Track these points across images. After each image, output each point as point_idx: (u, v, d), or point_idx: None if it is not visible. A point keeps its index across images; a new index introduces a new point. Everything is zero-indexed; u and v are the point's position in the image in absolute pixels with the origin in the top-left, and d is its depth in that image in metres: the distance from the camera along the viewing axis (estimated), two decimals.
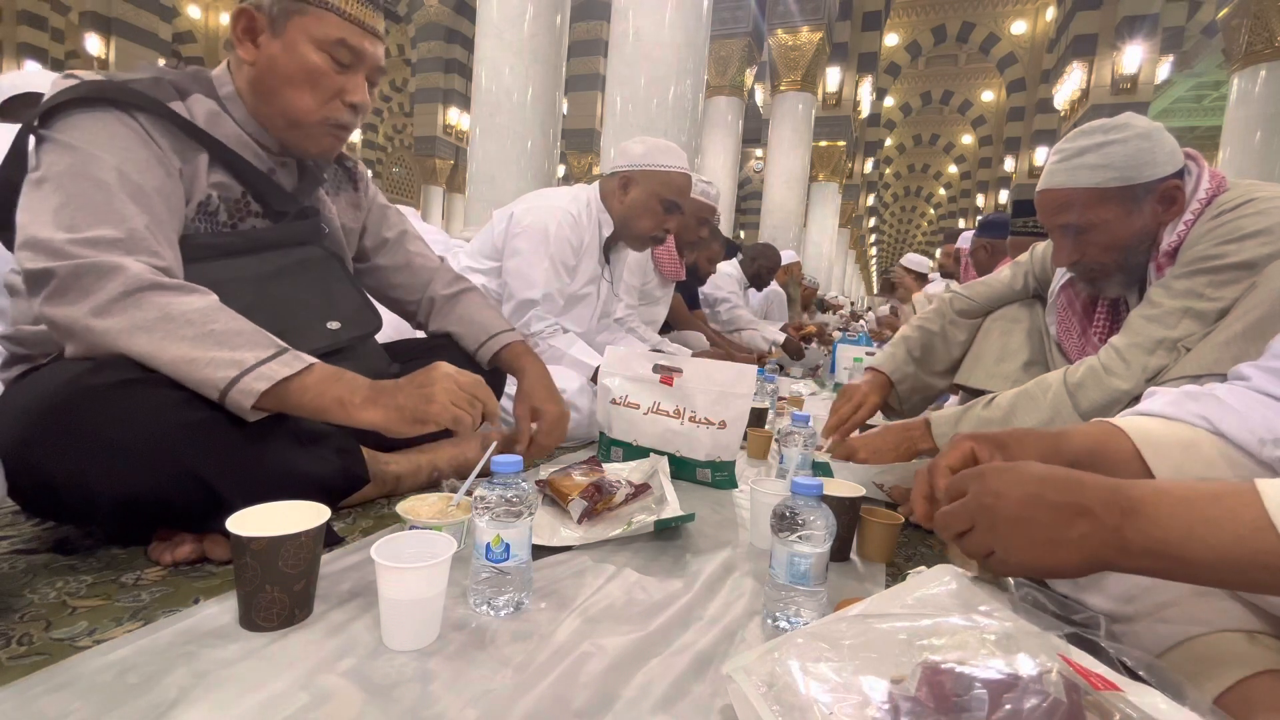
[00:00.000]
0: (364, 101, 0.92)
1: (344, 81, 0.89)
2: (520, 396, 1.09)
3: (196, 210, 0.86)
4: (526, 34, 4.36)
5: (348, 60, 0.88)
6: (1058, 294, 1.29)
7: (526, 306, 1.64)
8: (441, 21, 12.22)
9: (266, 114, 0.89)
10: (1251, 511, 0.42)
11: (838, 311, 7.60)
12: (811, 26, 8.73)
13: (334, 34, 0.86)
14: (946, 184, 21.45)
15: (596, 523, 0.95)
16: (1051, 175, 1.07)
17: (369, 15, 0.90)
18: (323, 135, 0.92)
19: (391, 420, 0.76)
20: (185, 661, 0.57)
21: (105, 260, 0.70)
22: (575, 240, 1.68)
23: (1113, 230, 1.03)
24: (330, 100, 0.89)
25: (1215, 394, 0.62)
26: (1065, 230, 1.08)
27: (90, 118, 0.76)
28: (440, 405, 0.77)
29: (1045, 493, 0.48)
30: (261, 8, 0.85)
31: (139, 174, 0.77)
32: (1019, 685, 0.40)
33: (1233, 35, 5.63)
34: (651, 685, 0.59)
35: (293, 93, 0.87)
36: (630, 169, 1.69)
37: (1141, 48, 8.43)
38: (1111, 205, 1.02)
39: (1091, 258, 1.08)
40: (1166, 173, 1.01)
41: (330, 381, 0.75)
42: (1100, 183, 1.01)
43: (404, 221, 1.21)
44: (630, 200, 1.70)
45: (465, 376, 0.82)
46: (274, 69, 0.86)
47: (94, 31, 9.32)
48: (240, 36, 0.86)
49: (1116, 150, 1.00)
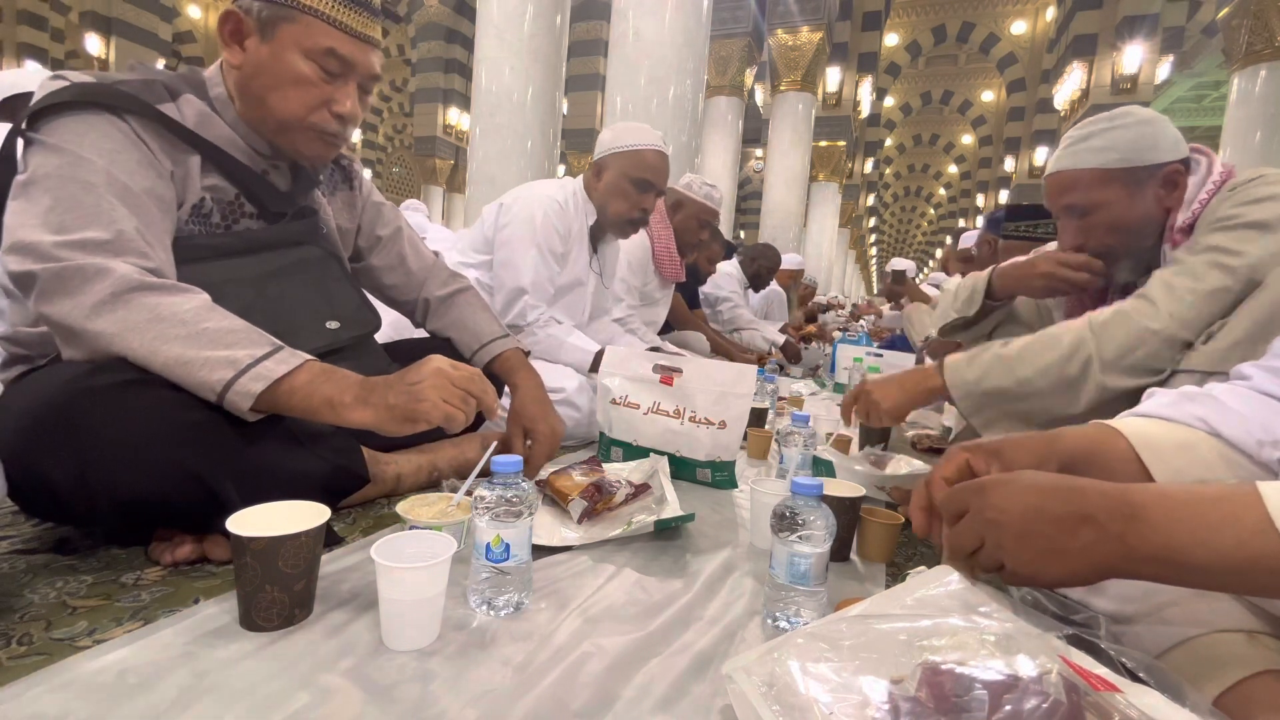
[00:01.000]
0: (352, 113, 0.89)
1: (332, 91, 0.87)
2: (512, 415, 1.09)
3: (190, 213, 0.85)
4: (526, 34, 4.37)
5: (337, 70, 0.86)
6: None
7: (516, 295, 1.63)
8: (441, 21, 12.22)
9: (254, 117, 0.88)
10: (1253, 515, 0.42)
11: (838, 311, 7.59)
12: (811, 26, 8.73)
13: (324, 43, 0.84)
14: (946, 184, 21.45)
15: (596, 522, 0.95)
16: (1058, 160, 1.10)
17: (362, 23, 0.87)
18: (310, 142, 0.90)
19: (382, 420, 0.74)
20: (185, 661, 0.57)
21: (91, 263, 0.70)
22: (563, 228, 1.68)
23: (1116, 211, 1.05)
24: (317, 109, 0.87)
25: (1214, 395, 0.62)
26: (1070, 212, 1.10)
27: (79, 120, 0.75)
28: (431, 404, 0.75)
29: (1047, 504, 0.48)
30: (250, 11, 0.83)
31: (128, 176, 0.76)
32: (1019, 686, 0.40)
33: (1233, 35, 5.63)
34: (651, 685, 0.59)
35: (278, 99, 0.85)
36: (604, 154, 1.70)
37: (1141, 48, 8.43)
38: (1114, 186, 1.04)
39: (1096, 241, 1.09)
40: (1169, 158, 1.02)
41: (319, 381, 0.74)
42: (1103, 164, 1.04)
43: (399, 219, 1.20)
44: (604, 185, 1.71)
45: (459, 371, 0.79)
46: (260, 74, 0.85)
47: (94, 31, 9.32)
48: (227, 39, 0.85)
49: (1120, 134, 1.03)
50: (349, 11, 0.85)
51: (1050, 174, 1.12)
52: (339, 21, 0.85)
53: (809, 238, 10.17)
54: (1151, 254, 1.10)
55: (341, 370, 0.77)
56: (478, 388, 0.80)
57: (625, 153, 1.69)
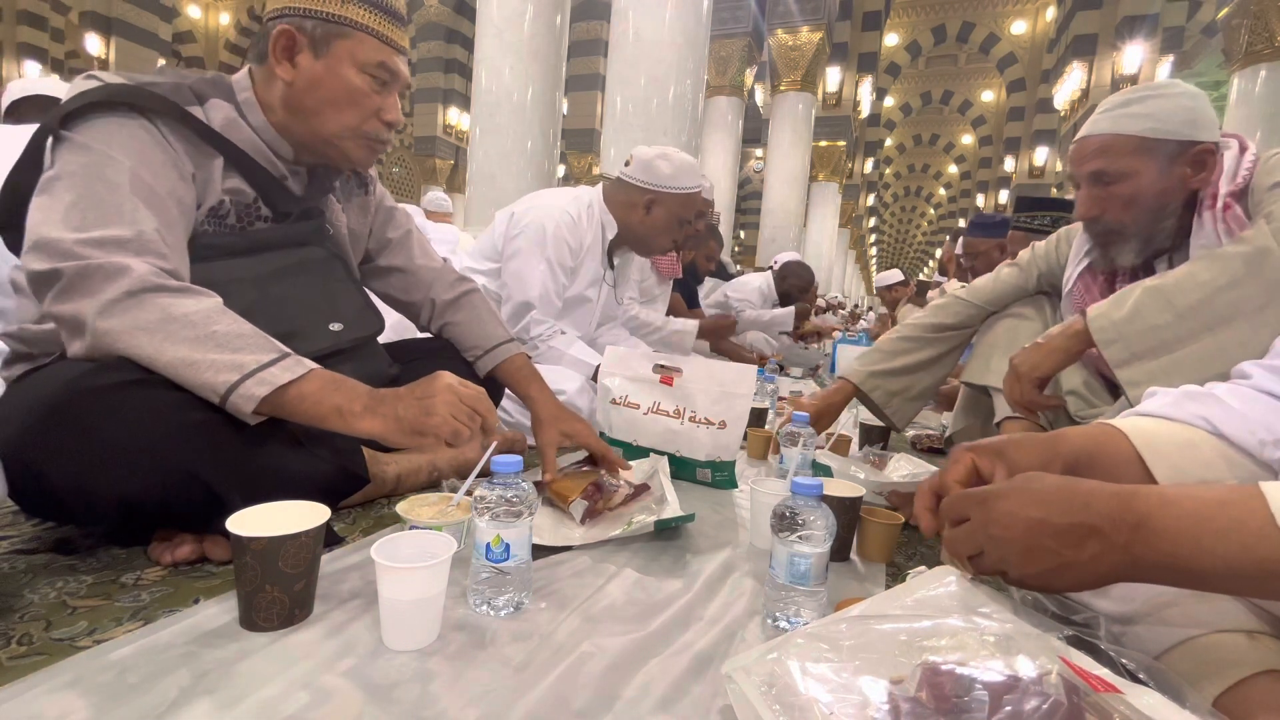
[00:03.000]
0: (398, 120, 0.95)
1: (381, 101, 0.92)
2: (544, 422, 1.07)
3: (208, 214, 0.86)
4: (526, 34, 4.37)
5: (387, 80, 0.91)
6: (1074, 281, 1.27)
7: (523, 309, 1.64)
8: (441, 21, 12.22)
9: (302, 129, 0.90)
10: (1257, 518, 0.41)
11: (838, 311, 7.60)
12: (811, 26, 8.73)
13: (375, 57, 0.89)
14: (946, 184, 21.46)
15: (598, 522, 0.95)
16: (1094, 124, 1.09)
17: (399, 35, 0.92)
18: (361, 149, 0.94)
19: (390, 431, 0.75)
20: (185, 661, 0.57)
21: (112, 261, 0.70)
22: (574, 242, 1.67)
23: (1141, 184, 1.04)
24: (370, 118, 0.92)
25: (1216, 394, 0.62)
26: (1094, 178, 1.08)
27: (109, 121, 0.76)
28: (440, 419, 0.76)
29: (1050, 517, 0.47)
30: (304, 29, 0.86)
31: (153, 177, 0.77)
32: (1019, 687, 0.40)
33: (1233, 35, 5.63)
34: (651, 685, 0.59)
35: (333, 112, 0.89)
36: (657, 189, 1.68)
37: (1141, 48, 8.43)
38: (1145, 157, 1.03)
39: (1112, 214, 1.08)
40: (1204, 138, 1.02)
41: (329, 390, 0.75)
42: (1141, 131, 1.03)
43: (409, 222, 1.21)
44: (653, 220, 1.72)
45: (468, 389, 0.81)
46: (315, 89, 0.88)
47: (94, 31, 9.32)
48: (279, 56, 0.87)
49: (1163, 104, 1.02)
50: (391, 26, 0.91)
51: (1082, 137, 1.09)
52: (386, 36, 0.90)
53: (809, 238, 10.17)
54: (1160, 238, 1.08)
55: (350, 380, 0.77)
56: (484, 406, 0.81)
57: (681, 196, 1.70)
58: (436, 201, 4.64)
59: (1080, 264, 1.26)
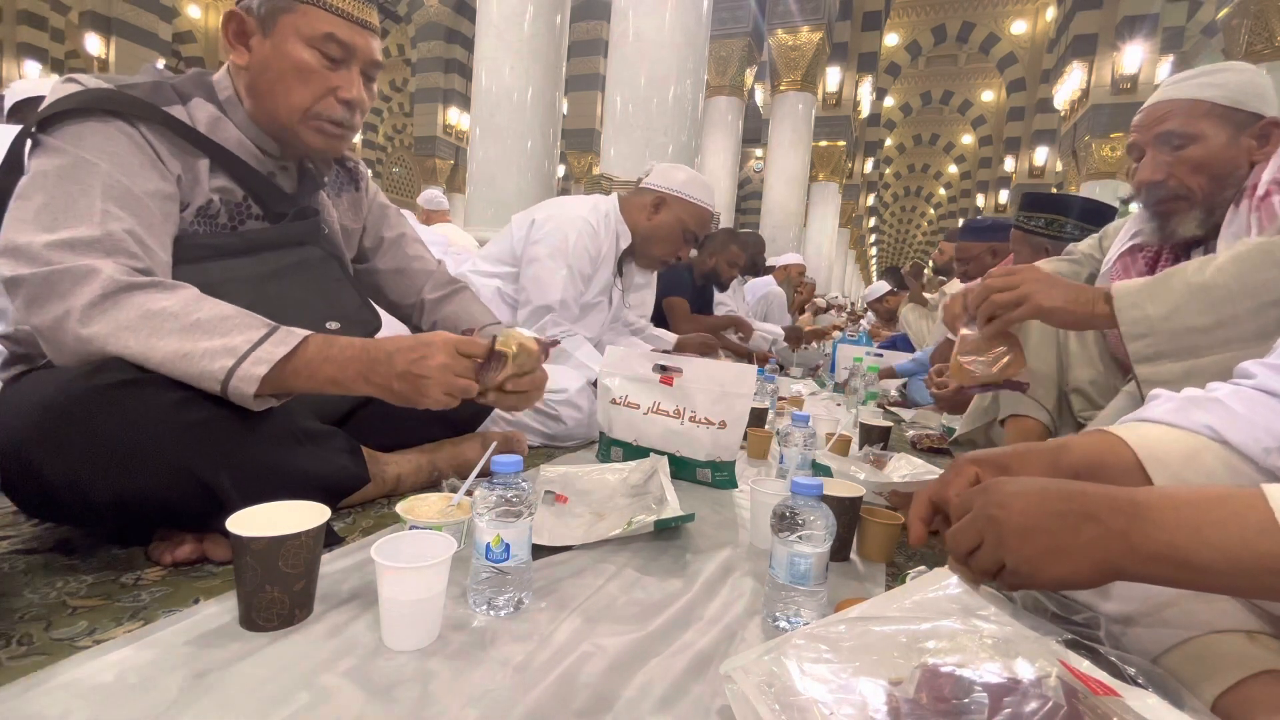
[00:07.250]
0: (358, 98, 0.91)
1: (336, 78, 0.88)
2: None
3: (196, 214, 0.86)
4: (526, 34, 4.36)
5: (338, 55, 0.88)
6: (1113, 263, 1.24)
7: (542, 313, 1.66)
8: (441, 21, 12.21)
9: (263, 116, 0.89)
10: (1257, 514, 0.42)
11: (840, 311, 7.59)
12: (811, 26, 8.72)
13: (322, 28, 0.85)
14: (946, 184, 21.45)
15: (596, 515, 0.95)
16: (1161, 93, 1.10)
17: (358, 7, 0.89)
18: (318, 133, 0.90)
19: (383, 395, 0.77)
20: (185, 661, 0.57)
21: (80, 264, 0.70)
22: (594, 250, 1.71)
23: (1211, 148, 1.04)
24: (324, 97, 0.88)
25: (1219, 398, 0.61)
26: (1163, 140, 1.07)
27: (86, 125, 0.76)
28: (433, 399, 0.77)
29: (1050, 501, 0.48)
30: (250, 9, 0.85)
31: (129, 178, 0.77)
32: (1018, 689, 0.40)
33: (1233, 35, 5.63)
34: (651, 685, 0.59)
35: (284, 92, 0.86)
36: (667, 192, 1.74)
37: (1141, 48, 8.41)
38: (1217, 123, 1.04)
39: (1179, 179, 1.06)
40: (1270, 112, 1.03)
41: (319, 362, 0.75)
42: (1210, 97, 1.04)
43: (404, 223, 1.21)
44: (658, 221, 1.75)
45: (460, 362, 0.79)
46: (266, 69, 0.86)
47: (94, 31, 9.31)
48: (232, 41, 0.86)
49: (1230, 76, 1.05)
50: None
51: (1149, 105, 1.10)
52: (335, 7, 0.86)
53: (809, 238, 10.16)
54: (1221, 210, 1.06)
55: (341, 341, 0.77)
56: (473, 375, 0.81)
57: (691, 204, 1.75)
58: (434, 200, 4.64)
59: (1124, 246, 1.22)
